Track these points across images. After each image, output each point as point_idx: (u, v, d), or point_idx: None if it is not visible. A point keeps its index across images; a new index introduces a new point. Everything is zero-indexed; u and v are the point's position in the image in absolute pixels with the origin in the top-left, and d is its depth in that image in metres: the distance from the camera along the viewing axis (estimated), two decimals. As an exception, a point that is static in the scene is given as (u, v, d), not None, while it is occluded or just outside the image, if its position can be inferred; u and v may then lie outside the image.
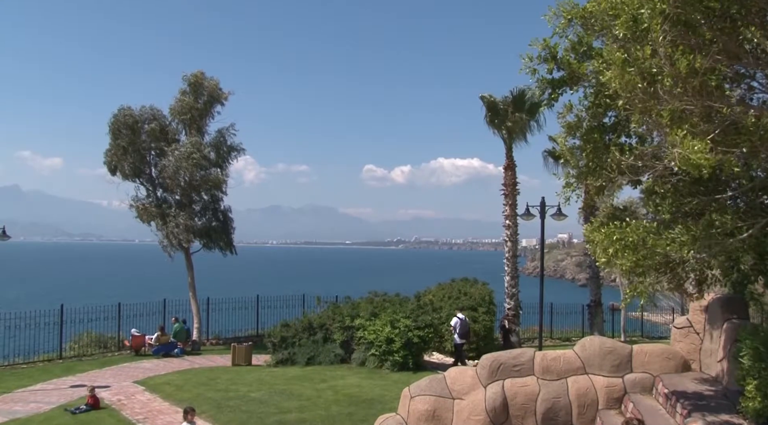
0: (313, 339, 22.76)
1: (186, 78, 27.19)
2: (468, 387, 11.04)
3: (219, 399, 16.76)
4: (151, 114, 26.79)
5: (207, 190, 26.94)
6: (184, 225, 25.91)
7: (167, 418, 15.32)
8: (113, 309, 25.38)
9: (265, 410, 15.62)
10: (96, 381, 19.02)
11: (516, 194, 26.06)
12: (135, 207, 27.00)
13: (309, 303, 29.15)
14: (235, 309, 28.70)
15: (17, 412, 16.05)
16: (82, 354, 24.25)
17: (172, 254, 27.07)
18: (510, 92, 25.52)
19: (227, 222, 28.18)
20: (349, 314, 22.49)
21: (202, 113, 27.25)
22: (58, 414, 15.70)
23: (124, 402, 16.88)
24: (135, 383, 19.25)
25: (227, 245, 28.12)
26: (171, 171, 25.81)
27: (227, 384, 18.60)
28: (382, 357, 20.73)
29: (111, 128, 26.20)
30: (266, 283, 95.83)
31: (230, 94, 27.89)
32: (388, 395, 16.85)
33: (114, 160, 26.42)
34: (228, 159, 27.72)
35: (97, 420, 15.21)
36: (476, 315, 23.13)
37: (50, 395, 17.92)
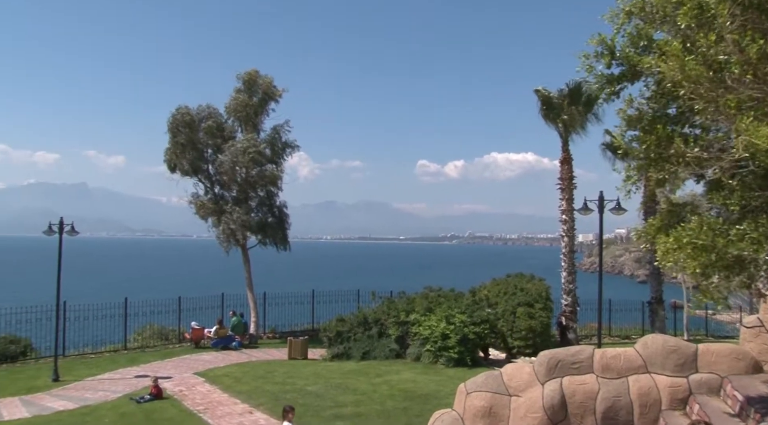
0: (368, 333, 22.86)
1: (241, 76, 27.62)
2: (525, 384, 10.88)
3: (276, 392, 17.02)
4: (208, 112, 27.32)
5: (263, 186, 27.34)
6: (240, 221, 26.37)
7: (226, 409, 15.65)
8: (174, 302, 26.07)
9: (321, 403, 15.79)
10: (159, 372, 19.59)
11: (573, 188, 25.54)
12: (193, 203, 27.62)
13: (363, 298, 29.29)
14: (291, 303, 29.07)
15: (87, 399, 16.73)
16: (145, 345, 25.03)
17: (228, 249, 27.61)
18: (566, 85, 25.02)
19: (283, 217, 28.52)
20: (404, 309, 22.50)
21: (257, 110, 27.62)
22: (124, 403, 16.25)
23: (186, 392, 17.32)
24: (195, 374, 19.74)
25: (282, 240, 28.46)
26: (228, 167, 26.29)
27: (284, 378, 18.87)
28: (437, 353, 20.67)
29: (170, 127, 26.85)
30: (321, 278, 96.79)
31: (284, 91, 28.20)
32: (444, 391, 16.80)
33: (173, 158, 27.06)
34: (283, 155, 28.04)
35: (161, 409, 15.65)
36: (533, 312, 22.79)
37: (117, 384, 18.57)
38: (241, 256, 28.11)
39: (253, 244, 28.33)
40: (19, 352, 22.35)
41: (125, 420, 14.68)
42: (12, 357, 22.01)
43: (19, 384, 18.65)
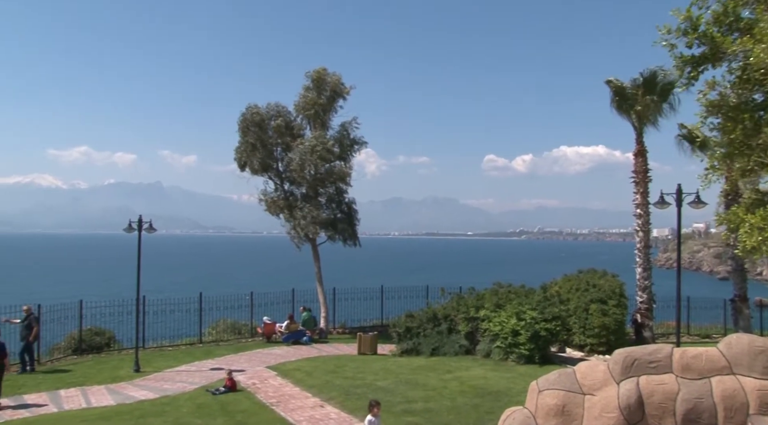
0: (438, 329, 22.79)
1: (309, 74, 27.97)
2: (599, 383, 10.58)
3: (347, 387, 17.17)
4: (277, 111, 27.81)
5: (332, 182, 27.65)
6: (310, 217, 26.76)
7: (298, 402, 15.89)
8: (246, 298, 26.71)
9: (391, 399, 15.83)
10: (233, 365, 20.10)
11: (647, 181, 24.69)
12: (264, 200, 28.19)
13: (432, 294, 29.24)
14: (360, 299, 29.33)
15: (166, 390, 17.36)
16: (219, 339, 25.75)
17: (299, 245, 28.06)
18: (639, 74, 24.18)
19: (352, 214, 28.76)
20: (474, 305, 22.31)
21: (325, 108, 27.90)
22: (200, 394, 16.76)
23: (258, 385, 17.70)
24: (267, 368, 20.13)
25: (352, 236, 28.71)
26: (297, 165, 26.69)
27: (354, 372, 19.02)
28: (507, 350, 20.41)
29: (240, 126, 27.48)
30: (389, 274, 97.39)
31: (352, 88, 28.39)
32: (515, 388, 16.57)
33: (243, 156, 27.68)
34: (351, 152, 28.27)
35: (235, 401, 16.06)
36: (606, 308, 22.20)
37: (193, 376, 19.17)
38: (311, 252, 28.52)
39: (323, 240, 28.70)
40: (104, 344, 23.44)
41: (202, 411, 15.11)
42: (97, 348, 23.11)
43: (105, 373, 19.53)
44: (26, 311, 20.22)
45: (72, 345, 22.70)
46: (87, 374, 19.47)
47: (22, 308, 20.37)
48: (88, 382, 18.32)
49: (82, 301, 22.94)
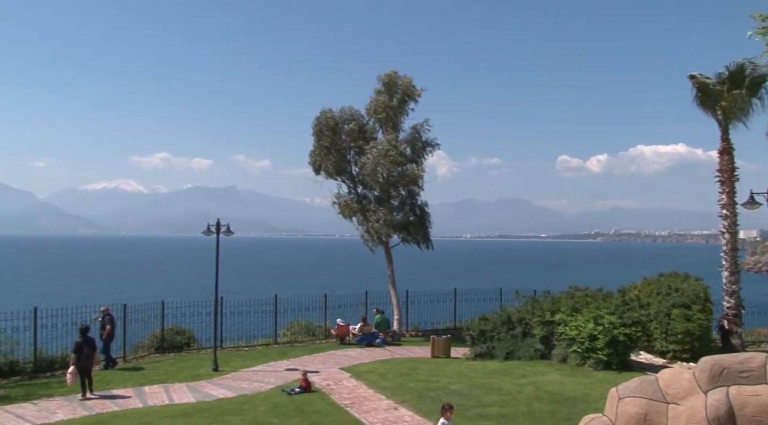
0: (512, 333, 22.44)
1: (380, 78, 28.08)
2: (684, 392, 10.13)
3: (420, 390, 17.13)
4: (350, 114, 28.05)
5: (404, 185, 27.65)
6: (383, 220, 26.86)
7: (372, 404, 15.97)
8: (320, 300, 27.04)
9: (465, 402, 15.68)
10: (307, 366, 20.39)
11: (734, 180, 23.48)
12: (337, 203, 28.46)
13: (506, 296, 28.84)
14: (433, 301, 29.21)
15: (244, 389, 17.80)
16: (293, 340, 26.19)
17: (373, 248, 28.19)
18: (725, 68, 23.02)
19: (424, 216, 28.68)
20: (549, 309, 21.85)
21: (396, 111, 27.93)
22: (276, 394, 17.09)
23: (333, 387, 17.89)
24: (341, 370, 20.32)
25: (425, 239, 28.61)
26: (370, 168, 26.84)
27: (427, 375, 18.96)
28: (584, 355, 19.88)
29: (314, 130, 27.85)
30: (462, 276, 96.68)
31: (423, 90, 28.30)
32: (593, 394, 16.12)
33: (318, 160, 28.04)
34: (423, 154, 28.18)
35: (310, 401, 16.28)
36: (690, 314, 21.27)
37: (269, 376, 19.57)
38: (384, 255, 28.62)
39: (396, 243, 28.73)
40: (184, 343, 24.25)
41: (278, 410, 15.40)
42: (178, 347, 23.93)
43: (185, 372, 20.20)
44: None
45: (155, 344, 23.59)
46: (169, 372, 20.19)
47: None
48: (170, 379, 19.00)
49: (164, 302, 23.81)
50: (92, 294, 68.01)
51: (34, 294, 69.52)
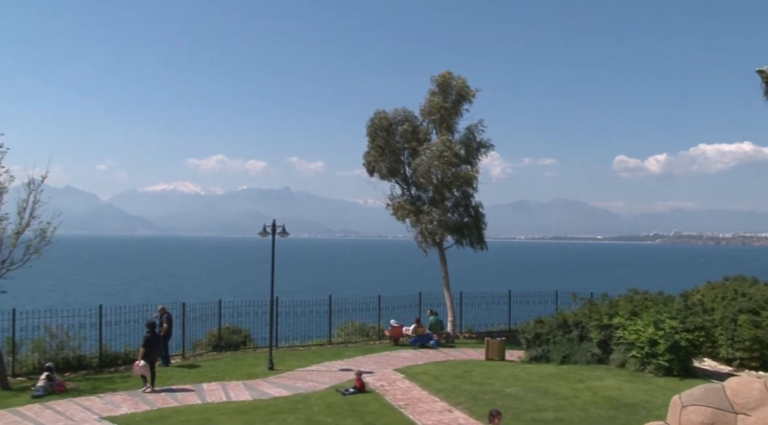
0: (568, 336, 22.02)
1: (434, 79, 27.97)
2: (755, 402, 9.73)
3: (474, 392, 16.99)
4: (404, 116, 28.03)
5: (458, 186, 27.47)
6: (437, 222, 26.75)
7: (426, 406, 15.91)
8: (374, 300, 27.11)
9: (520, 406, 15.48)
10: (361, 366, 20.47)
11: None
12: (391, 205, 28.48)
13: (562, 299, 28.39)
14: (487, 303, 28.95)
15: (299, 388, 18.01)
16: (347, 341, 26.34)
17: (426, 249, 28.11)
18: (796, 63, 22.07)
19: (479, 217, 28.43)
20: (607, 312, 21.34)
21: (450, 112, 27.78)
22: (330, 394, 17.23)
23: (386, 388, 17.90)
24: (395, 371, 20.31)
25: (479, 240, 28.36)
26: (423, 169, 26.77)
27: (482, 378, 18.79)
28: (644, 360, 19.34)
29: (368, 131, 27.94)
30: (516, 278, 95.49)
31: (477, 91, 28.06)
32: (653, 401, 15.68)
33: (371, 161, 28.13)
34: (477, 155, 27.95)
35: (364, 402, 16.35)
36: (759, 320, 20.43)
37: (323, 376, 19.74)
38: (438, 256, 28.49)
39: (450, 244, 28.58)
40: (240, 342, 24.68)
41: (332, 410, 15.51)
42: (234, 345, 24.38)
43: (242, 370, 20.56)
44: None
45: (212, 342, 24.09)
46: (226, 370, 20.59)
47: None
48: (227, 377, 19.38)
49: (221, 301, 24.30)
50: (153, 293, 70.03)
51: (99, 293, 72.06)
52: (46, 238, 18.38)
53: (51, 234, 18.54)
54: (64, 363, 19.80)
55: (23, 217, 18.18)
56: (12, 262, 17.88)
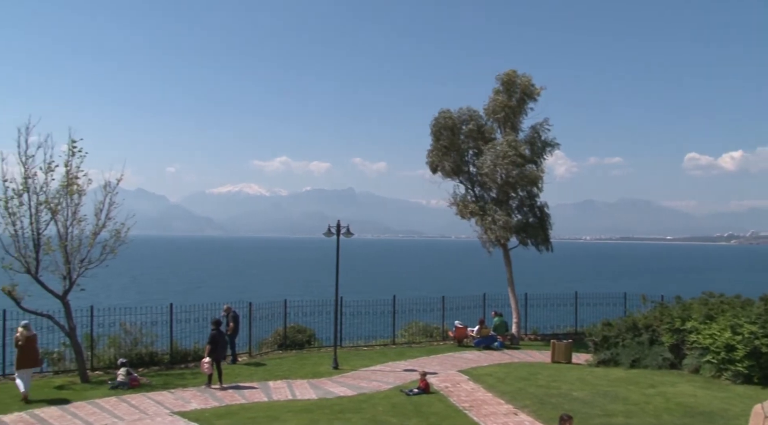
0: (638, 340, 21.37)
1: (499, 77, 27.69)
2: (844, 411, 9.19)
3: (540, 395, 16.69)
4: (468, 115, 27.83)
5: (523, 186, 27.08)
6: (502, 222, 26.44)
7: (491, 408, 15.72)
8: (437, 301, 27.04)
9: (588, 411, 15.11)
10: (425, 367, 20.38)
11: None
12: (455, 205, 28.33)
13: (631, 301, 27.65)
14: (553, 305, 28.48)
15: (363, 388, 18.09)
16: (411, 341, 26.33)
17: (491, 250, 27.83)
18: None
19: (544, 218, 27.95)
20: (680, 316, 20.59)
21: (515, 111, 27.43)
22: (395, 394, 17.23)
23: (451, 389, 17.79)
24: (459, 372, 20.18)
25: (545, 241, 27.89)
26: (488, 169, 26.52)
27: (548, 381, 18.44)
28: (720, 366, 18.54)
29: (432, 130, 27.88)
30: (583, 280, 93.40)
31: (542, 89, 27.63)
32: (731, 410, 15.03)
33: (436, 161, 28.04)
34: (542, 154, 27.52)
35: (428, 403, 16.28)
36: None
37: (387, 376, 19.77)
38: (503, 256, 28.17)
39: (515, 245, 28.20)
40: (305, 341, 25.02)
41: (397, 410, 15.50)
42: (299, 344, 24.73)
43: (306, 369, 20.82)
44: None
45: (277, 341, 24.51)
46: (291, 368, 20.90)
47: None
48: (292, 376, 19.66)
49: (286, 301, 24.68)
50: (220, 292, 71.81)
51: (170, 291, 74.43)
52: (120, 239, 19.10)
53: (125, 235, 19.26)
54: (137, 359, 20.51)
55: (100, 218, 18.93)
56: (90, 261, 18.66)
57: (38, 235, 17.89)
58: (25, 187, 17.70)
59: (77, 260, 18.52)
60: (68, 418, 14.72)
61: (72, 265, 18.45)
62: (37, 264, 17.88)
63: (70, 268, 18.42)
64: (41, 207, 17.93)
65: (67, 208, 18.41)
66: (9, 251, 17.52)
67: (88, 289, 19.60)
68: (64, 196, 18.31)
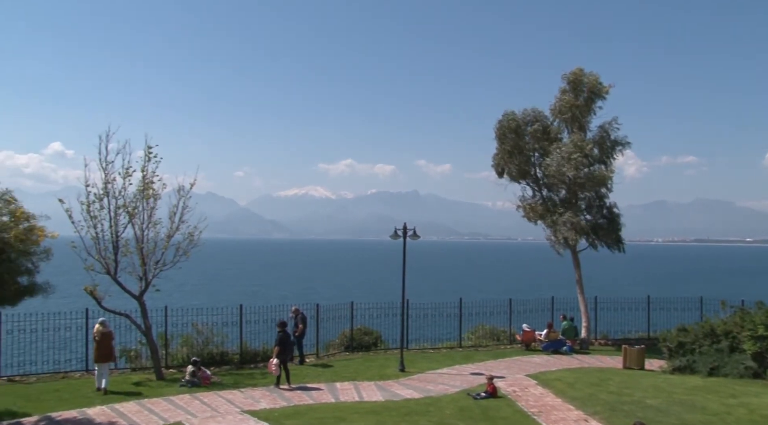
0: (716, 347, 20.50)
1: (565, 76, 27.11)
2: None
3: (612, 402, 16.24)
4: (533, 116, 27.36)
5: (592, 187, 26.41)
6: (570, 223, 25.85)
7: (560, 414, 15.41)
8: (504, 304, 26.69)
9: (664, 420, 14.59)
10: (492, 371, 20.16)
11: None
12: (522, 207, 27.91)
13: (707, 306, 26.59)
14: (624, 309, 27.64)
15: (430, 391, 18.04)
16: (477, 344, 26.09)
17: (560, 252, 27.27)
18: None
19: (614, 218, 27.17)
20: (763, 322, 19.59)
21: (582, 110, 26.79)
22: (462, 397, 17.10)
23: (519, 393, 17.53)
24: (527, 376, 19.88)
25: (615, 242, 27.11)
26: (554, 170, 26.01)
27: (620, 387, 17.93)
28: (809, 377, 17.58)
29: (497, 133, 27.53)
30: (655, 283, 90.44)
31: (611, 87, 26.90)
32: (821, 422, 14.22)
33: (501, 163, 27.69)
34: (612, 154, 26.77)
35: (496, 407, 16.08)
36: None
37: (454, 379, 19.65)
38: (571, 259, 27.56)
39: (584, 247, 27.53)
40: (371, 343, 25.12)
41: (464, 414, 15.38)
42: (366, 346, 24.85)
43: (373, 371, 20.90)
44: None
45: (344, 343, 24.70)
46: (358, 370, 21.02)
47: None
48: (359, 377, 19.77)
49: (353, 303, 24.86)
50: (288, 294, 73.08)
51: (239, 293, 76.19)
52: (193, 241, 19.70)
53: (197, 238, 19.85)
54: (208, 358, 21.06)
55: (174, 222, 19.58)
56: (164, 263, 19.33)
57: (117, 238, 18.66)
58: (105, 192, 18.48)
59: (152, 262, 19.21)
60: (145, 413, 15.26)
61: (147, 267, 19.16)
62: (115, 265, 18.65)
63: (145, 270, 19.14)
64: (120, 210, 18.69)
65: (143, 212, 19.13)
66: (90, 253, 18.33)
67: (163, 290, 20.28)
68: (140, 200, 19.04)
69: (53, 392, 17.41)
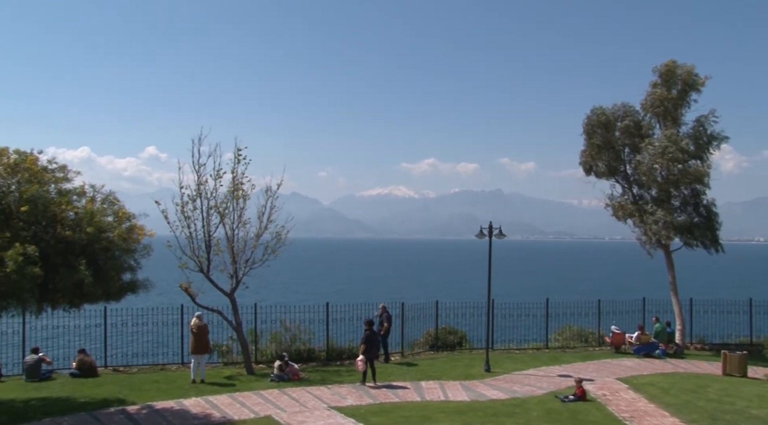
0: (827, 354, 19.19)
1: (657, 69, 26.00)
2: None
3: (712, 411, 15.50)
4: (624, 111, 26.41)
5: (687, 184, 25.22)
6: (663, 222, 24.78)
7: (654, 421, 14.85)
8: (593, 305, 25.98)
9: (769, 430, 13.80)
10: (580, 373, 19.70)
11: None
12: (611, 205, 27.02)
13: (818, 311, 24.89)
14: (723, 312, 26.30)
15: (516, 392, 17.79)
16: (565, 346, 25.51)
17: (651, 252, 26.21)
18: None
19: (711, 217, 25.79)
20: None
21: (676, 103, 25.64)
22: (549, 399, 16.77)
23: (609, 397, 17.02)
24: (618, 380, 19.29)
25: (713, 242, 25.73)
26: (646, 166, 25.03)
27: (719, 395, 17.09)
28: None
29: (585, 129, 26.74)
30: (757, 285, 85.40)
31: (707, 78, 25.61)
32: None
33: (589, 160, 26.89)
34: (708, 149, 25.46)
35: (585, 410, 15.67)
36: None
37: (541, 381, 19.29)
38: (664, 259, 26.42)
39: (678, 247, 26.33)
40: (456, 342, 25.01)
41: (551, 417, 15.07)
42: (450, 346, 24.76)
43: (458, 370, 20.81)
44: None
45: (429, 342, 24.70)
46: (443, 369, 20.98)
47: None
48: (444, 377, 19.73)
49: (438, 302, 24.83)
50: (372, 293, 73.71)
51: (324, 291, 77.55)
52: (281, 240, 20.27)
53: (285, 237, 20.40)
54: (296, 355, 21.56)
55: (262, 221, 20.23)
56: (254, 262, 19.98)
57: (209, 237, 19.46)
58: (198, 193, 19.30)
59: (242, 260, 19.91)
60: (237, 406, 15.81)
61: (238, 265, 19.87)
62: (208, 263, 19.45)
63: (236, 268, 19.84)
64: (211, 211, 19.52)
65: (234, 212, 19.88)
66: (185, 251, 19.19)
67: (252, 287, 20.97)
68: (230, 201, 19.78)
69: (152, 383, 18.37)
